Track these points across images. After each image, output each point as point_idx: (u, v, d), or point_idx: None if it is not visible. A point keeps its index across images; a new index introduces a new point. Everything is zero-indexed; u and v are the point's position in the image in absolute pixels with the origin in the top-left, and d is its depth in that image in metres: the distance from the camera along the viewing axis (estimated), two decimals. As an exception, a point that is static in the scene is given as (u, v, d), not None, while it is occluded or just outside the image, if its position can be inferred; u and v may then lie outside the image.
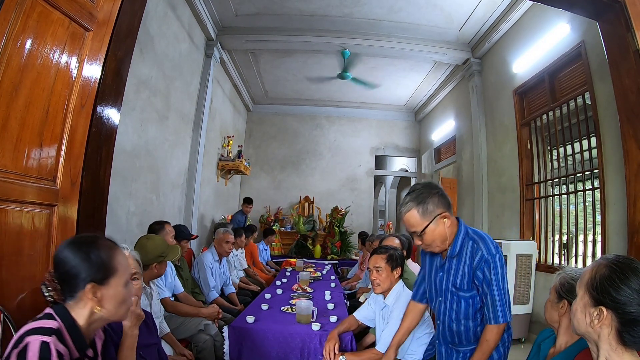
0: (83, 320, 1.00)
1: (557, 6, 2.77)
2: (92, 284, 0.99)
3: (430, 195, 1.48)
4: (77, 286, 0.99)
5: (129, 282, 1.09)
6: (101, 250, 1.02)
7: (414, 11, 4.48)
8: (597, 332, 0.90)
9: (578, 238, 3.69)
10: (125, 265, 1.08)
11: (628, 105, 2.27)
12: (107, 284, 1.02)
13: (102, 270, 1.01)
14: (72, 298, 1.00)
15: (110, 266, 1.03)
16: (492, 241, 1.54)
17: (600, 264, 0.93)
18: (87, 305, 1.00)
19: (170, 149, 4.09)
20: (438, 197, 1.49)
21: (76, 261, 0.99)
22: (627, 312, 0.86)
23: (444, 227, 1.50)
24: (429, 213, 1.47)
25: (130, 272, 1.11)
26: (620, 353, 0.87)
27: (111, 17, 1.83)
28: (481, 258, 1.47)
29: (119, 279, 1.05)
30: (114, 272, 1.03)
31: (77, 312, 1.00)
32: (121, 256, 1.08)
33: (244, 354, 2.11)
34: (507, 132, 4.49)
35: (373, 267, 2.06)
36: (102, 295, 1.01)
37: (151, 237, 2.07)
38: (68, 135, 1.65)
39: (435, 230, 1.49)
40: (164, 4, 3.65)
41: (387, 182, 11.69)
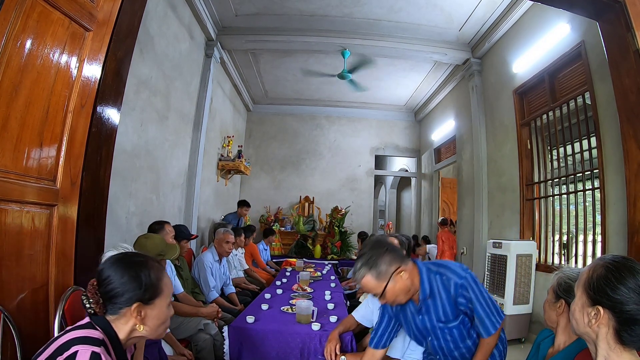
0: (123, 335, 1.03)
1: (557, 6, 2.77)
2: (139, 303, 1.02)
3: (380, 256, 1.46)
4: (123, 303, 1.01)
5: (170, 303, 1.12)
6: (151, 271, 1.05)
7: (414, 11, 4.48)
8: (595, 331, 0.91)
9: (578, 238, 3.69)
10: (169, 287, 1.11)
11: (628, 105, 2.27)
12: (153, 304, 1.05)
13: (150, 291, 1.04)
14: (115, 313, 1.03)
15: (157, 287, 1.06)
16: (456, 264, 1.56)
17: (597, 264, 0.94)
18: (129, 322, 1.03)
19: (170, 149, 4.09)
20: (389, 255, 1.47)
21: (125, 279, 1.02)
22: (624, 311, 0.86)
23: (402, 280, 1.49)
24: (384, 274, 1.45)
25: (171, 293, 1.13)
26: (619, 352, 0.88)
27: (111, 17, 1.83)
28: (456, 285, 1.49)
29: (164, 300, 1.08)
30: (160, 293, 1.07)
31: (119, 326, 1.02)
32: (167, 279, 1.11)
33: (244, 354, 2.11)
34: (507, 132, 4.49)
35: None
36: (145, 314, 1.04)
37: (150, 236, 2.07)
38: (68, 135, 1.65)
39: (395, 286, 1.47)
40: (164, 4, 3.65)
41: (387, 182, 11.69)
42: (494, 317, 1.48)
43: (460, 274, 1.50)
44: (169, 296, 1.10)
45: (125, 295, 1.01)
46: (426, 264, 1.60)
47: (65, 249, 1.64)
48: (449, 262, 1.59)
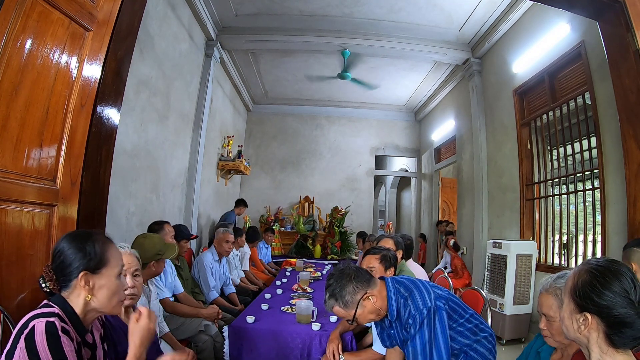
0: (79, 309, 1.05)
1: (557, 6, 2.77)
2: (85, 272, 1.05)
3: (344, 287, 1.48)
4: (71, 274, 1.05)
5: (120, 276, 1.14)
6: (95, 242, 1.08)
7: (414, 11, 4.48)
8: (585, 336, 0.90)
9: (578, 238, 3.69)
10: (118, 259, 1.14)
11: (628, 105, 2.27)
12: (99, 273, 1.07)
13: (95, 260, 1.07)
14: (67, 288, 1.06)
15: (103, 257, 1.08)
16: (425, 290, 1.51)
17: (580, 270, 0.93)
18: (81, 294, 1.06)
19: (170, 149, 4.09)
20: (352, 283, 1.49)
21: (71, 251, 1.05)
22: (612, 316, 0.85)
23: (371, 304, 1.50)
24: (351, 303, 1.48)
25: (121, 265, 1.16)
26: (612, 354, 0.87)
27: (111, 17, 1.83)
28: (409, 316, 1.47)
29: (111, 270, 1.10)
30: (106, 263, 1.09)
31: (73, 301, 1.05)
32: (115, 250, 1.14)
33: (244, 354, 2.11)
34: (507, 132, 4.49)
35: (367, 267, 2.05)
36: (94, 284, 1.06)
37: (148, 236, 2.07)
38: (68, 135, 1.65)
39: (364, 311, 1.50)
40: (164, 4, 3.65)
41: (387, 182, 11.69)
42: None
43: (419, 305, 1.46)
44: (116, 267, 1.12)
45: (72, 266, 1.04)
46: (398, 283, 1.57)
47: (65, 249, 1.64)
48: (419, 287, 1.54)
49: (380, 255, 2.07)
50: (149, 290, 1.98)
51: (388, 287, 1.55)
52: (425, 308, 1.45)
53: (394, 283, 1.58)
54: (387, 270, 2.06)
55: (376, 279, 1.59)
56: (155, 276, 2.05)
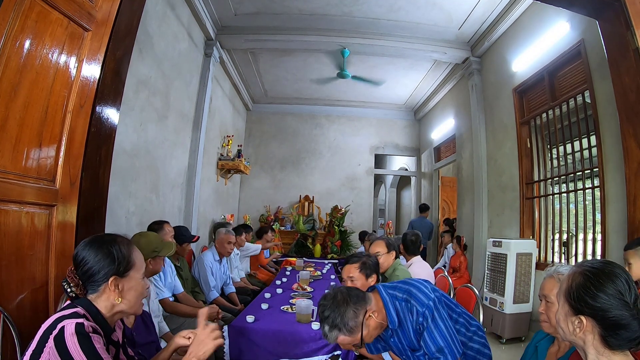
0: (105, 311, 1.09)
1: (557, 5, 2.77)
2: (115, 276, 1.08)
3: (344, 314, 1.39)
4: (101, 280, 1.07)
5: (144, 275, 1.18)
6: (121, 246, 1.12)
7: (413, 10, 4.48)
8: (581, 339, 0.90)
9: (578, 237, 3.69)
10: (142, 260, 1.18)
11: (628, 104, 2.27)
12: (128, 276, 1.11)
13: (124, 264, 1.10)
14: (95, 291, 1.08)
15: (130, 260, 1.12)
16: (423, 287, 1.51)
17: (575, 272, 0.93)
18: (110, 297, 1.09)
19: (170, 148, 4.09)
20: (351, 307, 1.41)
21: (99, 257, 1.07)
22: (607, 318, 0.85)
23: (374, 320, 1.45)
24: (356, 327, 1.40)
25: (144, 265, 1.19)
26: (609, 356, 0.87)
27: (110, 17, 1.83)
28: (418, 315, 1.44)
29: (137, 272, 1.14)
30: (133, 265, 1.13)
31: (100, 303, 1.08)
32: (137, 252, 1.18)
33: (244, 354, 2.11)
34: (507, 130, 4.49)
35: (347, 277, 2.00)
36: (122, 287, 1.10)
37: (145, 234, 2.07)
38: (67, 135, 1.65)
39: (370, 329, 1.44)
40: (163, 4, 3.64)
41: (387, 181, 11.69)
42: (454, 348, 1.40)
43: (423, 301, 1.45)
44: (142, 268, 1.16)
45: (102, 272, 1.07)
46: (392, 289, 1.54)
47: (64, 249, 1.64)
48: (415, 285, 1.52)
49: (360, 263, 2.00)
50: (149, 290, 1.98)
51: (383, 297, 1.51)
52: (430, 301, 1.45)
53: (388, 290, 1.54)
54: (369, 277, 2.00)
55: (368, 293, 1.52)
56: (153, 275, 2.04)
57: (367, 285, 1.96)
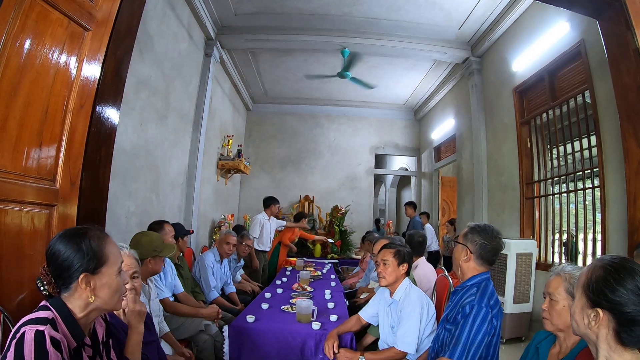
0: (79, 310, 1.02)
1: (557, 4, 2.77)
2: (85, 273, 1.01)
3: (478, 232, 1.72)
4: (70, 277, 1.01)
5: (121, 271, 1.11)
6: (92, 240, 1.04)
7: (414, 10, 4.48)
8: (595, 333, 0.91)
9: (578, 236, 3.69)
10: (116, 255, 1.10)
11: (628, 104, 2.27)
12: (100, 272, 1.04)
13: (94, 260, 1.03)
14: (67, 290, 1.02)
15: (101, 255, 1.04)
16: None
17: (595, 266, 0.94)
18: (82, 296, 1.02)
19: (170, 148, 4.09)
20: (482, 235, 1.72)
21: (68, 253, 1.01)
22: (623, 313, 0.86)
23: (468, 257, 1.72)
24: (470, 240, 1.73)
25: (121, 260, 1.12)
26: (621, 352, 0.88)
27: (110, 17, 1.83)
28: (469, 303, 1.67)
29: (111, 267, 1.07)
30: (106, 261, 1.05)
31: (73, 302, 1.02)
32: (111, 245, 1.09)
33: (244, 354, 2.11)
34: (507, 130, 4.49)
35: (381, 260, 2.10)
36: (95, 285, 1.03)
37: (146, 233, 2.07)
38: (67, 135, 1.65)
39: (460, 258, 1.75)
40: (163, 3, 3.64)
41: (387, 181, 11.69)
42: None
43: (483, 301, 1.61)
44: (116, 263, 1.08)
45: (72, 268, 1.00)
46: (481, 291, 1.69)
47: (65, 249, 1.64)
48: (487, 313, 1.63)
49: (395, 250, 2.11)
50: (149, 290, 1.98)
51: (483, 275, 1.70)
52: (488, 308, 1.59)
53: (487, 281, 1.71)
54: (400, 265, 2.07)
55: (489, 268, 1.72)
56: (153, 275, 2.05)
57: (398, 272, 2.06)
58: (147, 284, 1.97)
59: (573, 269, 1.29)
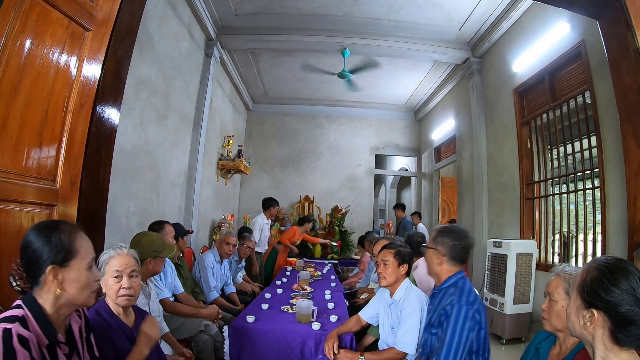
0: (50, 305, 1.02)
1: (557, 5, 2.77)
2: (53, 265, 1.01)
3: (445, 234, 1.80)
4: (39, 269, 1.00)
5: (92, 266, 1.10)
6: (62, 233, 1.03)
7: (414, 10, 4.48)
8: (591, 333, 0.92)
9: (578, 237, 3.69)
10: (87, 249, 1.09)
11: (628, 104, 2.27)
12: (68, 266, 1.03)
13: (63, 253, 1.02)
14: (37, 284, 1.02)
15: (70, 249, 1.04)
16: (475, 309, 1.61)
17: (590, 267, 0.95)
18: (51, 289, 1.01)
19: (170, 148, 4.09)
20: (450, 235, 1.80)
21: (37, 245, 1.01)
22: (618, 313, 0.87)
23: (437, 260, 1.77)
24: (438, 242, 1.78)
25: (92, 256, 1.11)
26: (617, 352, 0.88)
27: (111, 17, 1.83)
28: (449, 305, 1.64)
29: (80, 261, 1.06)
30: (75, 255, 1.05)
31: (44, 297, 1.01)
32: (83, 240, 1.09)
33: (244, 354, 2.11)
34: (507, 131, 4.49)
35: (381, 260, 2.10)
36: (63, 278, 1.02)
37: (147, 234, 2.08)
38: (68, 135, 1.65)
39: (431, 261, 1.80)
40: (163, 4, 3.65)
41: (387, 181, 11.69)
42: None
43: (463, 299, 1.60)
44: (86, 258, 1.07)
45: (40, 261, 1.00)
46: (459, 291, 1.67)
47: (65, 249, 1.64)
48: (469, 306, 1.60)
49: (396, 250, 2.12)
50: (149, 290, 1.98)
51: (457, 275, 1.71)
52: (468, 306, 1.56)
53: (463, 280, 1.70)
54: (401, 265, 2.08)
55: (462, 267, 1.75)
56: (153, 275, 2.05)
57: (398, 272, 2.07)
58: (147, 284, 1.97)
59: (573, 269, 1.29)
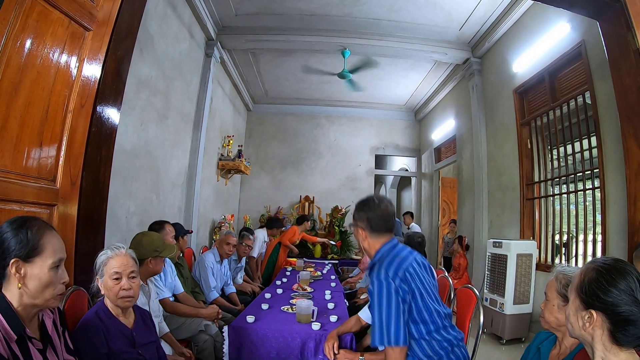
0: (16, 300, 1.02)
1: (558, 5, 2.77)
2: (16, 259, 1.01)
3: (360, 209, 1.64)
4: (5, 261, 1.01)
5: (59, 267, 1.09)
6: (29, 229, 1.04)
7: (414, 10, 4.48)
8: (590, 334, 0.92)
9: (578, 237, 3.69)
10: (55, 248, 1.08)
11: (628, 105, 2.27)
12: (32, 262, 1.03)
13: (27, 248, 1.02)
14: (4, 277, 1.02)
15: (36, 245, 1.04)
16: (405, 264, 1.52)
17: (588, 268, 0.95)
18: (14, 284, 1.02)
19: (170, 148, 4.09)
20: (365, 213, 1.62)
21: (6, 237, 1.02)
22: (617, 313, 0.87)
23: (362, 235, 1.66)
24: (357, 222, 1.68)
25: (59, 256, 1.09)
26: (616, 352, 0.88)
27: (111, 17, 1.83)
28: (373, 280, 1.54)
29: (45, 260, 1.05)
30: (40, 252, 1.05)
31: (10, 292, 1.02)
32: (52, 238, 1.08)
33: (244, 354, 2.11)
34: (507, 131, 4.49)
35: None
36: (25, 273, 1.02)
37: (148, 234, 2.07)
38: (68, 135, 1.65)
39: (359, 237, 1.69)
40: (163, 4, 3.65)
41: (387, 181, 11.69)
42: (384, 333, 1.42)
43: (381, 274, 1.47)
44: (51, 257, 1.06)
45: (6, 252, 1.01)
46: (391, 255, 1.57)
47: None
48: (400, 260, 1.52)
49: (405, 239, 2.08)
50: (149, 290, 1.98)
51: (384, 246, 1.59)
52: (385, 281, 1.46)
53: (390, 250, 1.58)
54: None
55: (389, 236, 1.62)
56: (154, 275, 2.05)
57: None
58: (147, 284, 1.97)
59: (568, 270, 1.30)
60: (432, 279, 1.61)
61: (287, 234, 5.61)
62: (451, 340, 1.53)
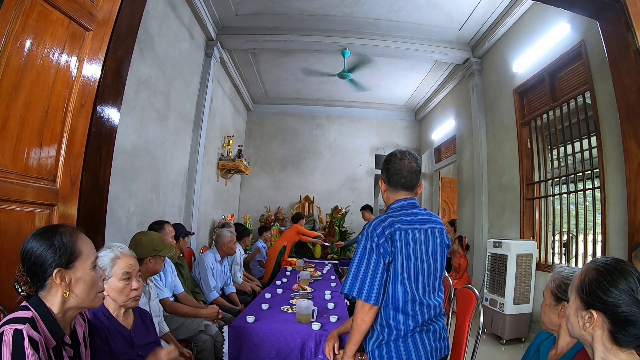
0: (57, 308, 1.02)
1: (558, 5, 2.77)
2: (59, 268, 1.02)
3: (389, 162, 1.68)
4: (45, 273, 1.01)
5: (96, 266, 1.11)
6: (63, 236, 1.05)
7: (414, 10, 4.48)
8: (590, 334, 0.92)
9: (578, 237, 3.69)
10: (89, 249, 1.10)
11: (628, 105, 2.27)
12: (73, 267, 1.05)
13: (67, 255, 1.03)
14: (43, 288, 1.03)
15: (74, 250, 1.05)
16: (395, 220, 1.48)
17: (588, 268, 0.95)
18: (58, 292, 1.03)
19: (170, 148, 4.09)
20: (392, 165, 1.64)
21: (40, 249, 1.02)
22: (617, 313, 0.87)
23: (384, 186, 1.72)
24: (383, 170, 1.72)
25: (95, 255, 1.12)
26: (616, 352, 0.88)
27: (111, 17, 1.83)
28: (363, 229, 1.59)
29: (84, 261, 1.07)
30: (78, 255, 1.06)
31: (50, 300, 1.02)
32: (84, 240, 1.10)
33: (244, 354, 2.11)
34: (507, 131, 4.49)
35: None
36: (70, 279, 1.04)
37: (147, 233, 2.08)
38: (68, 135, 1.65)
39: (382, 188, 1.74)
40: (163, 4, 3.65)
41: (387, 181, 11.67)
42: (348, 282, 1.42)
43: (368, 225, 1.48)
44: (90, 257, 1.09)
45: (45, 264, 1.01)
46: (397, 214, 1.52)
47: (65, 249, 1.64)
48: (392, 216, 1.48)
49: None
50: (149, 289, 1.98)
51: (397, 202, 1.58)
52: (368, 232, 1.46)
53: (401, 208, 1.55)
54: None
55: (406, 194, 1.60)
56: (153, 274, 2.05)
57: None
58: (147, 284, 1.97)
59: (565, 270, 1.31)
60: (433, 261, 1.51)
61: (295, 233, 5.55)
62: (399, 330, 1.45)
